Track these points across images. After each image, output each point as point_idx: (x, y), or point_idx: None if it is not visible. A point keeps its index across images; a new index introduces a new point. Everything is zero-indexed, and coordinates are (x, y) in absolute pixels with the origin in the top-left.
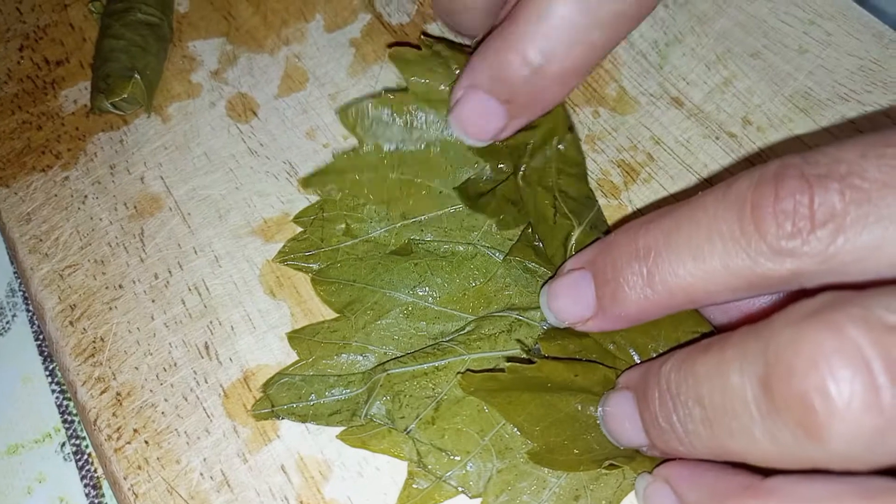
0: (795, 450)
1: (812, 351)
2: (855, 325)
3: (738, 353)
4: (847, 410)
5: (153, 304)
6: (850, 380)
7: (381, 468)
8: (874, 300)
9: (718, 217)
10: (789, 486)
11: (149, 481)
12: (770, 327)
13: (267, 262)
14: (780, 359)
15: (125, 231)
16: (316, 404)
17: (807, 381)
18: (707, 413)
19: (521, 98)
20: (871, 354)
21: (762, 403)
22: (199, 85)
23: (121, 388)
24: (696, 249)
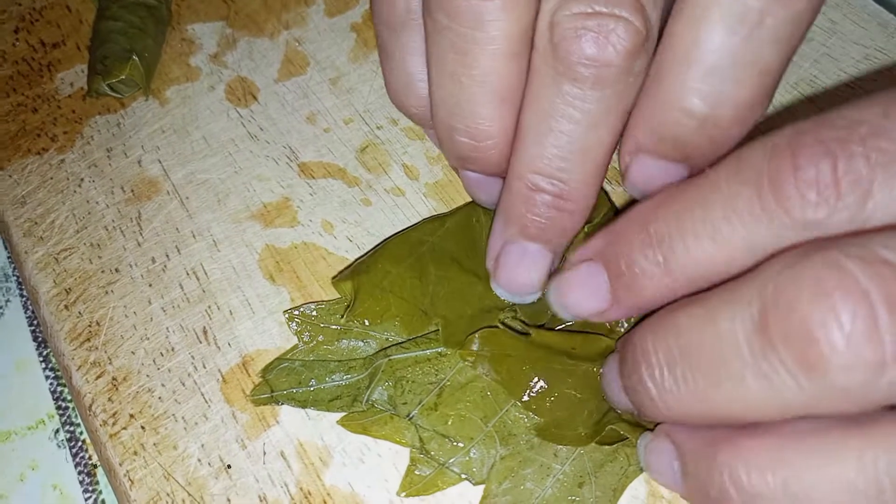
0: (789, 390)
1: (813, 286)
2: (854, 261)
3: (726, 300)
4: (849, 343)
5: (150, 288)
6: (852, 313)
7: (382, 455)
8: (871, 239)
9: (734, 194)
10: (779, 425)
11: (145, 467)
12: (764, 273)
13: (266, 246)
14: (779, 297)
15: (122, 214)
16: (316, 389)
17: (810, 315)
18: (690, 365)
19: (697, 153)
20: (872, 289)
21: (756, 344)
22: (198, 69)
23: (117, 373)
24: (713, 231)
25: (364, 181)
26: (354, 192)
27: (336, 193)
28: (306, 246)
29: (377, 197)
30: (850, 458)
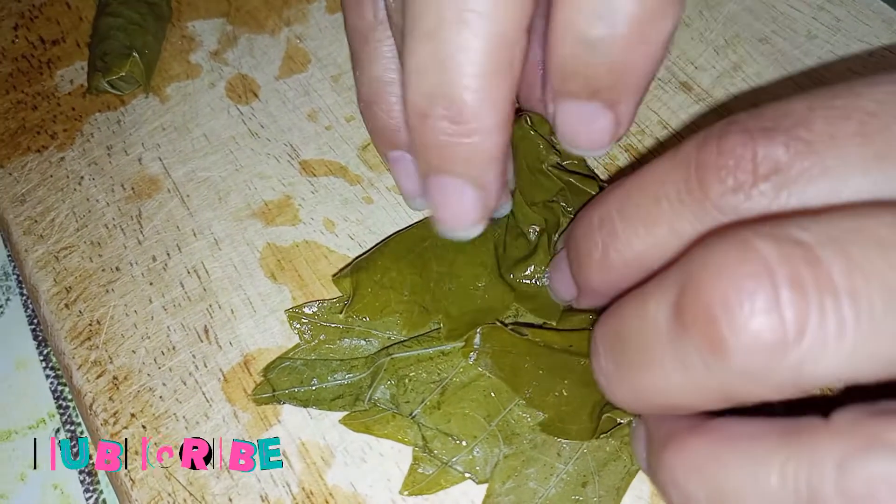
0: (701, 375)
1: (719, 264)
2: (763, 239)
3: (655, 285)
4: (748, 322)
5: (151, 286)
6: (753, 292)
7: (384, 454)
8: (788, 221)
9: (666, 180)
10: (726, 425)
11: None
12: (686, 257)
13: (268, 244)
14: (690, 279)
15: (122, 213)
16: (318, 389)
17: (711, 293)
18: (623, 352)
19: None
20: (777, 268)
21: (672, 328)
22: (199, 65)
23: (118, 372)
24: (645, 216)
25: (366, 179)
26: (356, 190)
27: (338, 191)
28: (308, 244)
29: (379, 195)
30: (774, 466)
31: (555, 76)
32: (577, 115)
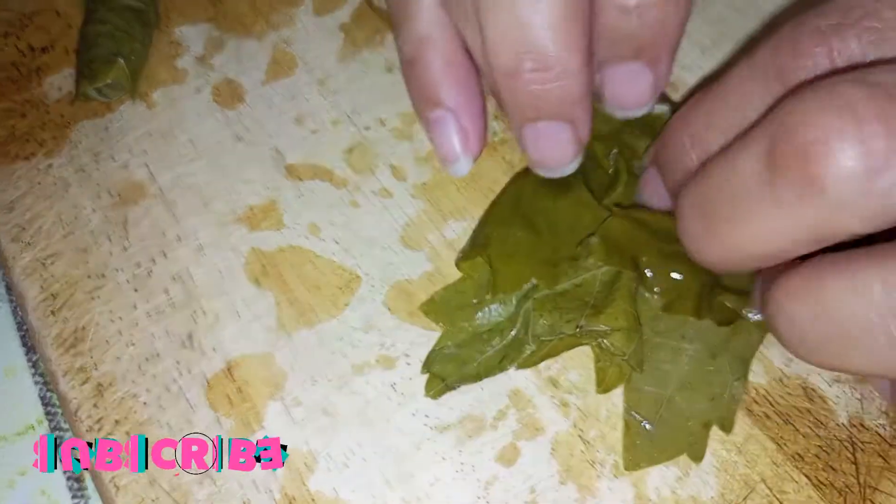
0: (797, 214)
1: (808, 109)
2: (848, 83)
3: (743, 143)
4: (841, 155)
5: (136, 293)
6: (842, 129)
7: (367, 459)
8: (876, 68)
9: (748, 91)
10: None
11: (130, 473)
12: (772, 113)
13: (252, 250)
14: (783, 125)
15: (108, 219)
16: (483, 360)
17: (805, 136)
18: (715, 210)
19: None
20: (862, 105)
21: (766, 173)
22: (185, 71)
23: (102, 379)
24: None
25: (351, 183)
26: (342, 193)
27: (323, 195)
28: (292, 249)
29: (364, 199)
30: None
31: (602, 44)
32: (624, 76)
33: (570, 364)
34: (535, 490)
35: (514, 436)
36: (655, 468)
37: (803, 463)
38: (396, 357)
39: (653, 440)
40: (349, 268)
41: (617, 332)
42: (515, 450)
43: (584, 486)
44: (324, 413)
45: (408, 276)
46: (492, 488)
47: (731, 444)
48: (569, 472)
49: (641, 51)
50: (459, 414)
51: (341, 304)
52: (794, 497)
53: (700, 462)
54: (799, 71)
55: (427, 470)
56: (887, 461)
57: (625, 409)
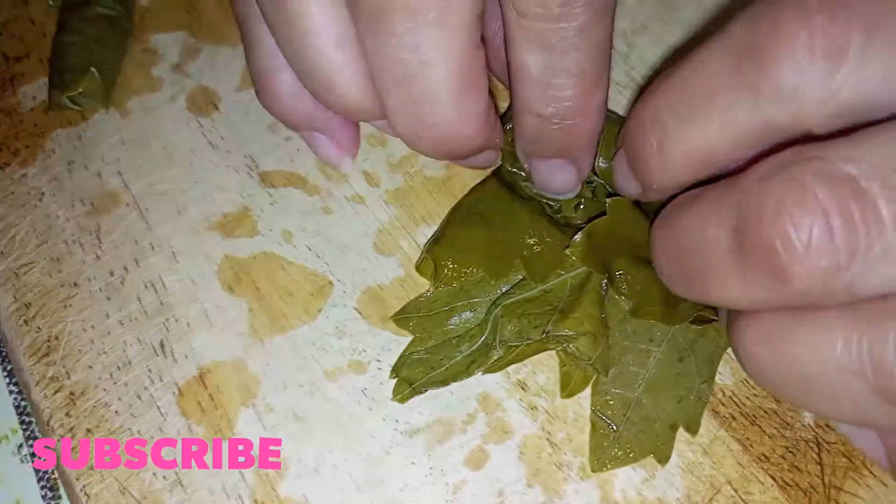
0: (767, 292)
1: (777, 204)
2: (815, 177)
3: (713, 207)
4: (806, 252)
5: (108, 301)
6: (809, 227)
7: (338, 464)
8: (833, 152)
9: (717, 70)
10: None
11: (101, 482)
12: (742, 182)
13: (225, 257)
14: (750, 211)
15: (82, 228)
16: (451, 365)
17: (772, 229)
18: (687, 264)
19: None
20: (828, 203)
21: (735, 251)
22: (160, 79)
23: (74, 388)
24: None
25: (325, 190)
26: (315, 200)
27: (296, 202)
28: (266, 256)
29: (337, 205)
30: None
31: (522, 141)
32: (546, 170)
33: (538, 367)
34: (502, 493)
35: (482, 439)
36: (622, 470)
37: (769, 464)
38: (368, 362)
39: (619, 442)
40: (322, 274)
41: (583, 336)
42: (484, 453)
43: (551, 489)
44: (295, 419)
45: (380, 281)
46: (460, 492)
47: (698, 446)
48: (536, 475)
49: (560, 151)
50: (429, 418)
51: (314, 311)
52: (760, 498)
53: (666, 464)
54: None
55: (397, 475)
56: (852, 461)
57: (592, 411)
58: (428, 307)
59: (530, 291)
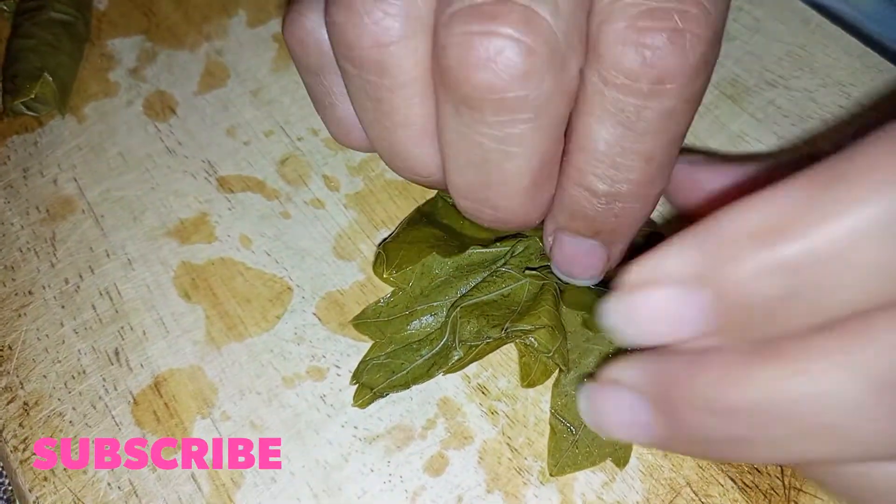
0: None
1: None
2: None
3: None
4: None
5: (63, 310)
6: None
7: (295, 472)
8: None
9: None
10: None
11: (55, 493)
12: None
13: (182, 263)
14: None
15: (36, 236)
16: (412, 369)
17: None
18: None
19: (606, 228)
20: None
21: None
22: (117, 83)
23: (28, 398)
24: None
25: (283, 194)
26: (273, 205)
27: (255, 207)
28: (223, 262)
29: (296, 209)
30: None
31: (562, 213)
32: (577, 249)
33: (499, 371)
34: (462, 499)
35: (442, 445)
36: (582, 474)
37: (729, 466)
38: (327, 368)
39: (578, 445)
40: (280, 279)
41: (541, 329)
42: (444, 459)
43: (510, 494)
44: (252, 427)
45: (339, 286)
46: (419, 499)
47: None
48: (496, 480)
49: (599, 233)
50: (389, 424)
51: (272, 317)
52: (720, 500)
53: (624, 467)
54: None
55: (355, 482)
56: None
57: (551, 414)
58: (388, 312)
59: (489, 295)
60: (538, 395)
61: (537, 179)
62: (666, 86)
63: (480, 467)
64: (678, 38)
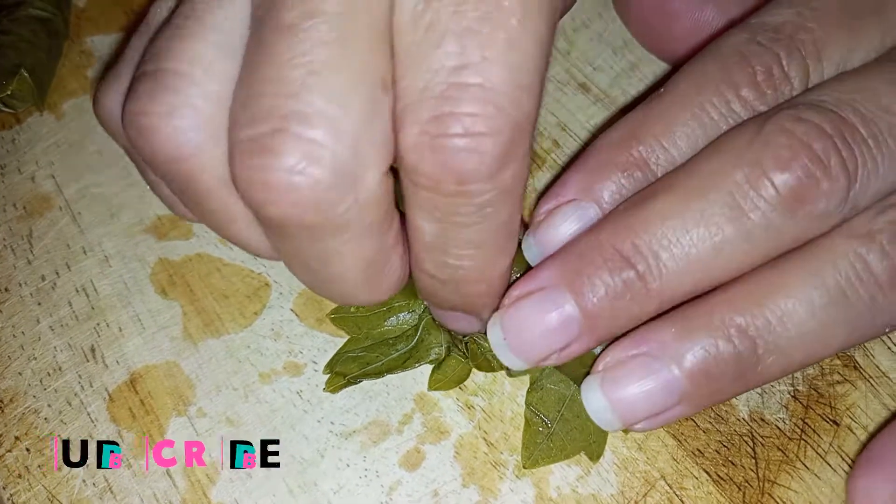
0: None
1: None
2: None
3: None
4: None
5: (39, 306)
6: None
7: (271, 469)
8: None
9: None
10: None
11: (29, 490)
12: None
13: (159, 260)
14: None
15: (13, 232)
16: (387, 361)
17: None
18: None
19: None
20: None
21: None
22: (96, 80)
23: (3, 395)
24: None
25: None
26: None
27: None
28: (200, 258)
29: None
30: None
31: (421, 293)
32: (447, 317)
33: None
34: (437, 493)
35: (418, 439)
36: (557, 467)
37: (703, 458)
38: (304, 364)
39: (552, 438)
40: (258, 275)
41: None
42: (419, 453)
43: (486, 488)
44: (228, 423)
45: None
46: (395, 493)
47: (632, 441)
48: (472, 475)
49: (456, 307)
50: (365, 419)
51: (249, 313)
52: (694, 493)
53: (597, 461)
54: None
55: (331, 477)
56: (786, 454)
57: (526, 407)
58: (365, 307)
59: None
60: (514, 389)
61: (370, 273)
62: (470, 186)
63: (456, 461)
64: (470, 142)
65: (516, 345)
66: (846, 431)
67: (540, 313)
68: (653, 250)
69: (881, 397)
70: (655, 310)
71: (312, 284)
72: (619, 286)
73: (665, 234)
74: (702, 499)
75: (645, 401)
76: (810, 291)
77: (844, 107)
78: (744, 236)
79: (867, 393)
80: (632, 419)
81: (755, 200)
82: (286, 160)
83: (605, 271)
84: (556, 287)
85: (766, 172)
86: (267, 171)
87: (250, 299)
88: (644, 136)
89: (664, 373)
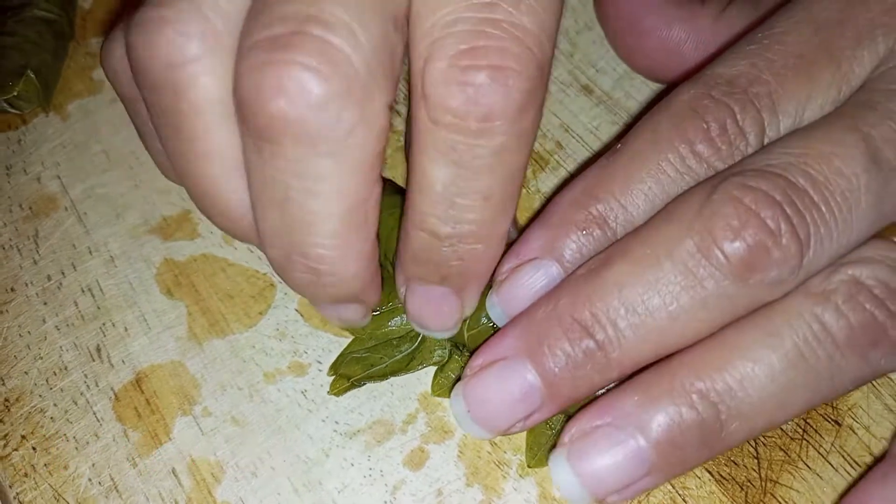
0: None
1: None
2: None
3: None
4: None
5: (45, 306)
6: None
7: (276, 467)
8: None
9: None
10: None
11: (35, 489)
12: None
13: (165, 260)
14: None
15: (19, 233)
16: (391, 362)
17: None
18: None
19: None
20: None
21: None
22: (101, 82)
23: (9, 394)
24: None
25: None
26: None
27: None
28: (205, 258)
29: None
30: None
31: (408, 260)
32: (426, 298)
33: None
34: (441, 493)
35: (422, 439)
36: None
37: None
38: (308, 364)
39: (556, 438)
40: (263, 275)
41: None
42: (423, 453)
43: (489, 488)
44: (233, 422)
45: None
46: (399, 492)
47: None
48: (475, 474)
49: (447, 278)
50: (369, 419)
51: (254, 313)
52: (697, 492)
53: None
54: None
55: (335, 476)
56: (788, 454)
57: None
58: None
59: None
60: None
61: (349, 223)
62: (494, 123)
63: (460, 461)
64: (499, 75)
65: (480, 416)
66: (848, 431)
67: (502, 384)
68: (611, 319)
69: (883, 398)
70: (617, 377)
71: (283, 231)
72: (579, 356)
73: (622, 303)
74: (704, 498)
75: (613, 473)
76: (768, 354)
77: (794, 171)
78: (699, 304)
79: (869, 393)
80: (602, 492)
81: (707, 269)
82: (304, 57)
83: (566, 341)
84: (517, 357)
85: (716, 241)
86: (281, 66)
87: (255, 299)
88: (602, 195)
89: (630, 443)
